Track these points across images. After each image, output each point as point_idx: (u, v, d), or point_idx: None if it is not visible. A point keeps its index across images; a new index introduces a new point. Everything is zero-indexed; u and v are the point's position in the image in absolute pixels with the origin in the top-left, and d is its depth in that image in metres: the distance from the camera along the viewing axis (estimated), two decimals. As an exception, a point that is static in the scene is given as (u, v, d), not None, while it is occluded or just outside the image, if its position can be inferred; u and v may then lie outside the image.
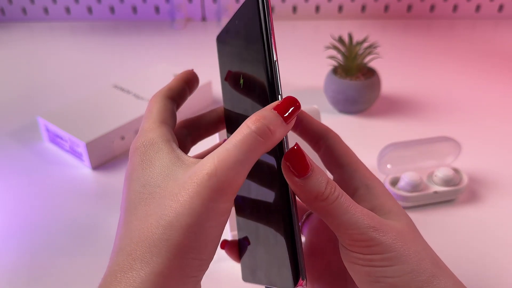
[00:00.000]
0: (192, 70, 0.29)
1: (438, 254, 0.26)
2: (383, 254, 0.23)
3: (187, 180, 0.20)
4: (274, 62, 0.23)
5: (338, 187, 0.23)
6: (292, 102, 0.22)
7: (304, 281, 0.24)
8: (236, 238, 0.32)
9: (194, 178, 0.20)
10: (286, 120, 0.22)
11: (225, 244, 0.30)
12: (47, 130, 0.62)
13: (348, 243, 0.23)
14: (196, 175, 0.20)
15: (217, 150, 0.21)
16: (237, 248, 0.31)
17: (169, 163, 0.22)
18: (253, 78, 0.25)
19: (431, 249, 0.25)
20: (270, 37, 0.23)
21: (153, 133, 0.24)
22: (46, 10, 1.10)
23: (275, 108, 0.22)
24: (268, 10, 0.23)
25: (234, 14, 0.27)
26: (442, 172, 0.50)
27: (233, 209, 0.30)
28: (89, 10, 1.10)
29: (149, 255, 0.20)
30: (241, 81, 0.26)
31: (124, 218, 0.22)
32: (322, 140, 0.28)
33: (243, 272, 0.30)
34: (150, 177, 0.22)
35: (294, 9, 1.10)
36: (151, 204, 0.21)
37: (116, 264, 0.21)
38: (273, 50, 0.23)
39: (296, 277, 0.24)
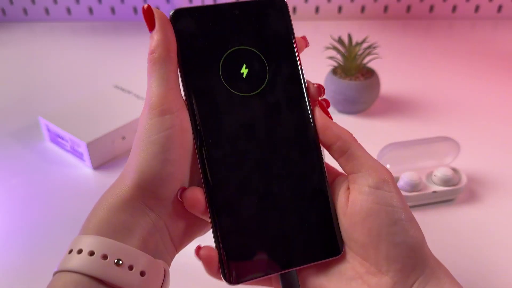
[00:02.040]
0: None
1: (437, 253, 0.27)
2: (400, 195, 0.26)
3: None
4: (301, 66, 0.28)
5: None
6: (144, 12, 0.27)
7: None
8: None
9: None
10: (150, 28, 0.27)
11: (199, 250, 0.26)
12: (48, 130, 0.62)
13: (373, 175, 0.26)
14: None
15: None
16: (215, 255, 0.26)
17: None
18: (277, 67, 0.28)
19: None
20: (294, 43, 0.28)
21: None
22: (47, 11, 1.11)
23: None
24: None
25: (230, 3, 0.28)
26: (441, 172, 0.50)
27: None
28: (90, 10, 1.11)
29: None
30: (244, 70, 0.28)
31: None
32: None
33: (243, 272, 0.26)
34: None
35: (294, 9, 1.10)
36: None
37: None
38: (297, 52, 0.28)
39: (339, 243, 0.27)
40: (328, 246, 0.26)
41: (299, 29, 0.30)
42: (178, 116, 0.26)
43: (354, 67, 0.67)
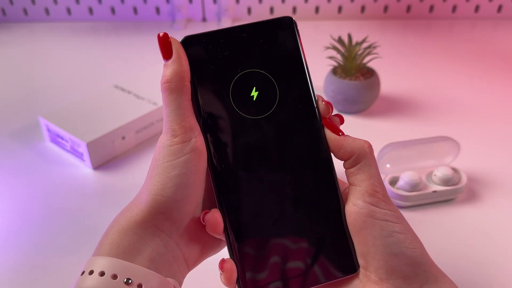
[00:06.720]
0: None
1: (437, 253, 0.27)
2: (396, 212, 0.26)
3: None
4: (311, 80, 0.28)
5: None
6: (160, 39, 0.27)
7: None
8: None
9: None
10: (165, 57, 0.27)
11: (223, 263, 0.27)
12: (48, 130, 0.62)
13: (371, 193, 0.27)
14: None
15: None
16: (236, 271, 0.27)
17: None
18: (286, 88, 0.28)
19: None
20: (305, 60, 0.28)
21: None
22: (47, 11, 1.11)
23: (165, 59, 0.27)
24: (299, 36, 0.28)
25: (239, 26, 0.28)
26: (441, 172, 0.50)
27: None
28: (90, 10, 1.11)
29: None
30: (255, 93, 0.28)
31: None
32: None
33: None
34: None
35: (294, 9, 1.10)
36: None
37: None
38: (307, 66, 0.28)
39: (355, 261, 0.27)
40: (344, 264, 0.27)
41: (299, 29, 0.29)
42: (197, 142, 0.27)
43: (354, 67, 0.67)
